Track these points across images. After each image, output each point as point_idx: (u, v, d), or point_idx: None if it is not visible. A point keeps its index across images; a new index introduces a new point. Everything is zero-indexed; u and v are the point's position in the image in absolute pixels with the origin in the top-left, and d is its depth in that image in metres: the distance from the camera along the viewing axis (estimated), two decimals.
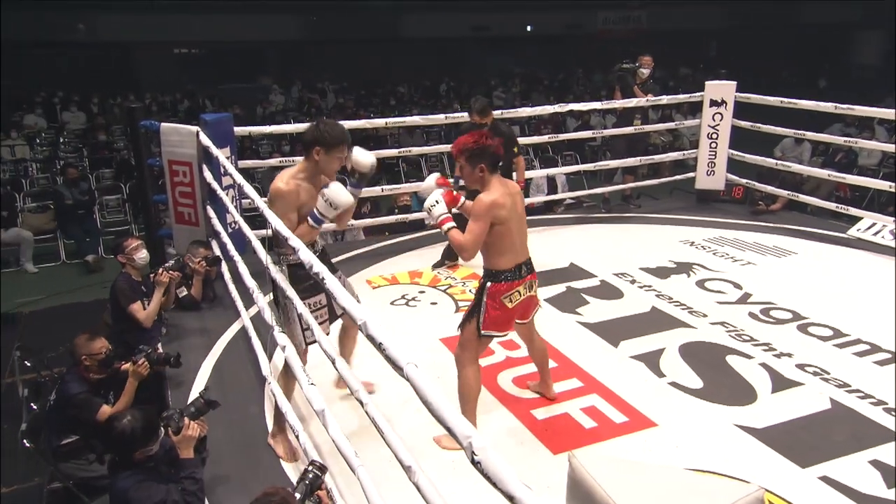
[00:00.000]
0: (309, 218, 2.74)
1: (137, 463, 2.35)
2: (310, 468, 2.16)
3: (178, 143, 4.60)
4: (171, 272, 3.88)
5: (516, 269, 2.81)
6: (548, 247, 5.43)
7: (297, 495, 2.05)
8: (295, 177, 2.76)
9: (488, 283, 2.81)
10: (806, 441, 2.93)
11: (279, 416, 2.85)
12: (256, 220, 4.99)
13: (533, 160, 10.31)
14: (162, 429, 2.42)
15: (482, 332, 2.83)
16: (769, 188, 6.20)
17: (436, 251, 5.19)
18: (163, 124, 4.72)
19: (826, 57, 20.94)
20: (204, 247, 4.42)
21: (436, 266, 5.05)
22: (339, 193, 2.71)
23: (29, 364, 3.94)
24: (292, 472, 2.77)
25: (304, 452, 2.57)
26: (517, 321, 2.95)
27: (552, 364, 3.57)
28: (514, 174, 4.68)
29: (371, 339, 1.77)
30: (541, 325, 3.95)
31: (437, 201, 2.79)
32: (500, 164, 2.82)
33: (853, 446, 2.88)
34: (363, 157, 2.86)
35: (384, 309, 4.33)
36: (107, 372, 3.12)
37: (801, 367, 3.53)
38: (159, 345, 3.81)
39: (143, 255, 3.90)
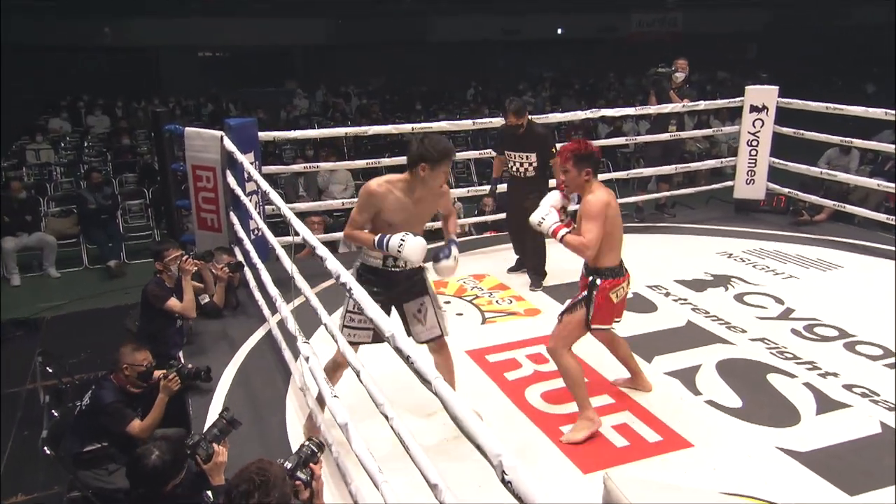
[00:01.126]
0: (376, 238, 2.76)
1: (166, 496, 2.31)
2: (307, 443, 2.21)
3: (202, 147, 4.69)
4: (196, 261, 3.97)
5: (620, 266, 3.03)
6: (578, 257, 5.38)
7: (288, 465, 2.09)
8: (391, 181, 2.81)
9: (598, 280, 2.97)
10: (854, 466, 2.85)
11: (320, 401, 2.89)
12: (280, 227, 5.06)
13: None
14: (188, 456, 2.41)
15: (592, 325, 3.02)
16: (813, 198, 6.09)
17: (464, 260, 5.17)
18: (187, 128, 4.82)
19: (875, 60, 20.50)
20: (227, 253, 4.50)
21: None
22: (411, 248, 2.71)
23: (50, 370, 4.02)
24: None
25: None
26: (615, 319, 3.12)
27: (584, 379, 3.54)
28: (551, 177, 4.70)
29: (398, 351, 1.78)
30: None
31: (547, 213, 3.00)
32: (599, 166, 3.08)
33: None
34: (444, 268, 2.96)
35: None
36: (144, 386, 3.17)
37: (848, 387, 3.44)
38: (181, 353, 3.88)
39: (176, 266, 3.98)
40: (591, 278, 3.00)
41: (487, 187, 5.48)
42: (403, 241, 2.70)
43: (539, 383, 3.54)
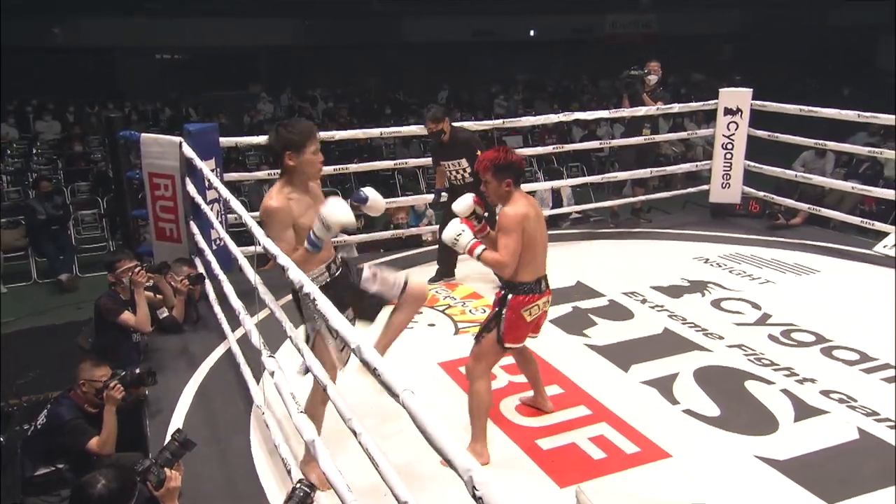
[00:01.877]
0: (306, 243, 2.64)
1: None
2: (298, 486, 2.18)
3: (160, 154, 4.63)
4: (149, 273, 3.91)
5: (537, 283, 2.96)
6: (552, 264, 5.34)
7: None
8: (281, 191, 2.70)
9: (510, 295, 2.94)
10: (832, 474, 2.91)
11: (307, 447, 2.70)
12: (243, 237, 5.00)
13: (536, 172, 10.36)
14: (139, 483, 2.35)
15: (505, 344, 2.97)
16: (789, 201, 6.23)
17: (434, 269, 5.20)
18: (143, 135, 4.76)
19: (850, 62, 21.12)
20: (187, 264, 4.44)
21: (432, 281, 5.06)
22: (334, 211, 2.57)
23: None
24: None
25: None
26: (530, 335, 3.09)
27: (558, 390, 3.57)
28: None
29: (365, 363, 1.77)
30: (545, 348, 3.96)
31: (461, 231, 2.91)
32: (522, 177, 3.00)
33: (883, 480, 2.86)
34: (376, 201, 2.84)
35: (379, 330, 4.32)
36: (101, 405, 3.12)
37: (825, 393, 3.52)
38: (137, 369, 3.80)
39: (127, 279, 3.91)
40: (503, 292, 2.96)
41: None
42: (321, 215, 2.59)
43: (514, 395, 3.55)
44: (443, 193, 5.01)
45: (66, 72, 16.51)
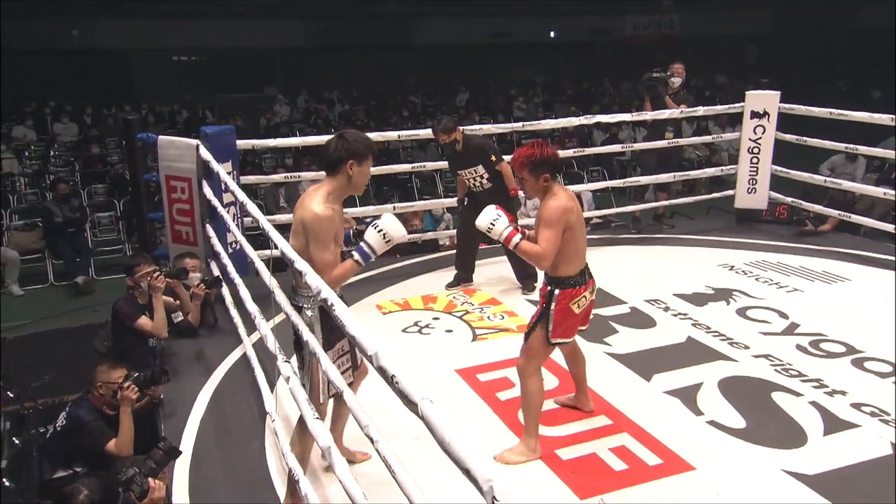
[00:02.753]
0: (356, 253, 2.58)
1: None
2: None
3: (177, 156, 4.68)
4: (167, 278, 3.94)
5: (581, 274, 2.99)
6: None
7: None
8: (327, 200, 2.58)
9: (556, 290, 2.97)
10: (863, 490, 2.86)
11: (292, 483, 2.66)
12: (259, 240, 5.03)
13: (557, 176, 10.32)
14: (122, 493, 2.36)
15: (551, 340, 2.99)
16: (817, 207, 6.15)
17: (452, 274, 5.19)
18: (160, 137, 4.81)
19: (881, 64, 20.82)
20: (190, 257, 4.43)
21: (449, 286, 5.07)
22: (395, 225, 2.58)
23: (12, 395, 3.98)
24: None
25: None
26: (579, 328, 3.13)
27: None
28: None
29: (382, 371, 1.77)
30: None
31: (497, 216, 2.93)
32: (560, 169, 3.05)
33: None
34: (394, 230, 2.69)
35: (395, 337, 4.33)
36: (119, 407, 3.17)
37: (856, 406, 3.46)
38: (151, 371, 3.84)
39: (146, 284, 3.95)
40: (549, 288, 3.00)
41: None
42: (382, 227, 2.56)
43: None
44: (465, 201, 5.02)
45: (83, 74, 16.78)
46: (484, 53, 19.89)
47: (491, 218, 2.93)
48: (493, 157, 4.78)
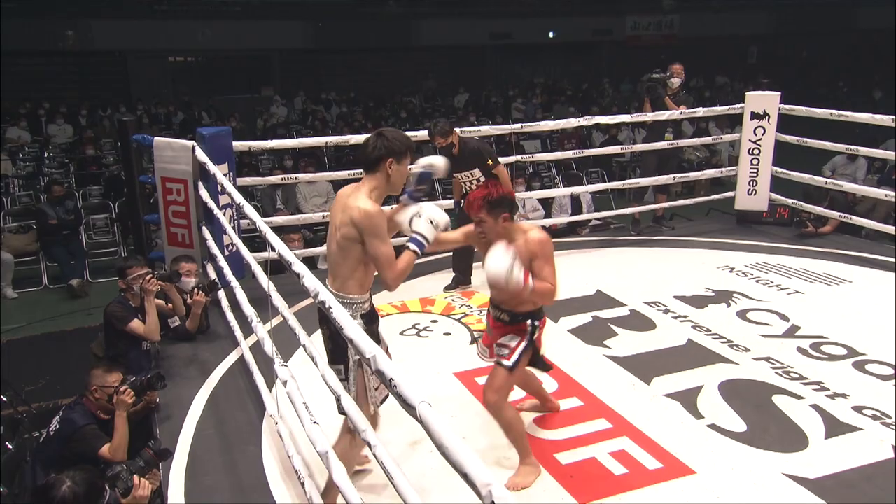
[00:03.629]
0: (411, 244, 2.58)
1: None
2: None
3: (173, 158, 4.68)
4: (160, 282, 3.94)
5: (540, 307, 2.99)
6: (572, 272, 5.42)
7: None
8: (370, 196, 2.56)
9: (536, 322, 2.96)
10: (865, 494, 2.87)
11: (330, 489, 2.57)
12: (255, 243, 5.03)
13: (556, 178, 10.34)
14: (108, 490, 2.35)
15: (521, 367, 2.99)
16: (818, 209, 6.17)
17: (450, 276, 5.20)
18: (156, 138, 4.81)
19: (880, 65, 20.88)
20: (186, 261, 4.43)
21: (448, 289, 5.07)
22: (438, 212, 2.62)
23: (5, 399, 3.97)
24: None
25: None
26: None
27: (577, 402, 3.56)
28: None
29: (380, 374, 1.77)
30: (564, 359, 3.95)
31: (514, 259, 2.70)
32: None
33: None
34: (437, 160, 2.80)
35: (393, 340, 4.31)
36: (113, 412, 3.17)
37: (858, 409, 3.46)
38: (147, 375, 3.84)
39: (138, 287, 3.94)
40: (528, 322, 2.95)
41: None
42: (430, 214, 2.59)
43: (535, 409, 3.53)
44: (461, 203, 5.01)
45: (78, 75, 16.77)
46: (484, 54, 19.90)
47: (510, 262, 2.67)
48: (490, 161, 4.79)
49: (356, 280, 2.57)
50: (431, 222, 2.60)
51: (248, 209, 3.32)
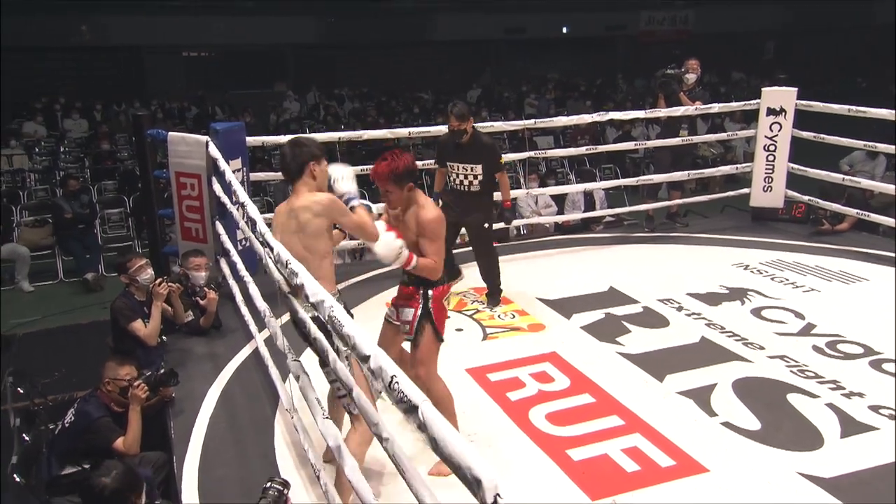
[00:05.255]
0: (354, 202, 2.84)
1: None
2: (269, 484, 2.25)
3: (187, 153, 4.70)
4: (170, 284, 3.96)
5: (445, 274, 3.06)
6: (585, 269, 5.41)
7: None
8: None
9: (430, 290, 3.00)
10: (881, 494, 2.84)
11: (342, 482, 2.56)
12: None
13: (569, 174, 10.30)
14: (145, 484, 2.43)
15: (441, 336, 3.06)
16: (835, 206, 6.10)
17: (464, 271, 5.19)
18: (170, 133, 4.83)
19: None
20: (195, 255, 4.44)
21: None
22: (341, 169, 2.90)
23: (22, 391, 4.01)
24: None
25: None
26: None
27: (590, 399, 3.55)
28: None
29: (380, 372, 1.74)
30: (576, 356, 3.95)
31: (400, 245, 2.86)
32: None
33: None
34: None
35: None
36: (127, 404, 3.21)
37: (874, 409, 3.43)
38: (161, 370, 3.87)
39: (147, 275, 3.97)
40: (421, 290, 3.00)
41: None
42: (338, 178, 2.87)
43: (544, 403, 3.53)
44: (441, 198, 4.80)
45: (93, 70, 16.90)
46: (497, 49, 19.84)
47: (394, 246, 2.85)
48: (501, 161, 4.58)
49: (326, 278, 2.68)
50: (344, 177, 2.84)
51: (252, 209, 3.27)
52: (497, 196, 4.76)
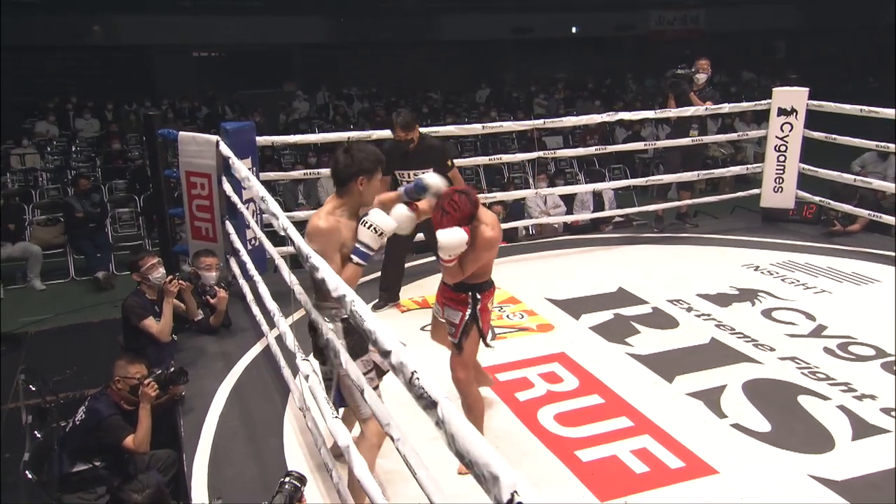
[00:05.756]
0: (353, 256, 2.63)
1: None
2: (286, 479, 2.24)
3: (197, 153, 4.73)
4: (180, 281, 3.98)
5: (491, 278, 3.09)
6: (594, 269, 5.39)
7: None
8: (333, 213, 2.67)
9: (479, 294, 3.01)
10: (893, 497, 2.81)
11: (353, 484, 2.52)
12: (278, 237, 5.04)
13: (578, 174, 10.28)
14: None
15: (487, 341, 3.11)
16: (846, 207, 6.06)
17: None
18: (181, 133, 4.86)
19: None
20: (206, 255, 4.46)
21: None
22: (383, 218, 2.65)
23: (34, 388, 4.04)
24: None
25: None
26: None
27: (599, 400, 3.54)
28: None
29: (401, 368, 1.76)
30: (585, 356, 3.94)
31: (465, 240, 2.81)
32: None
33: None
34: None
35: (414, 335, 4.33)
36: (137, 402, 3.23)
37: (886, 411, 3.41)
38: (171, 369, 3.89)
39: (159, 274, 3.99)
40: (470, 293, 3.00)
41: (497, 193, 5.47)
42: (367, 223, 2.61)
43: (552, 404, 3.53)
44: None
45: (104, 70, 17.00)
46: (505, 49, 19.81)
47: (463, 238, 2.80)
48: (450, 163, 4.51)
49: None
50: (375, 230, 2.61)
51: (273, 205, 3.30)
52: None
